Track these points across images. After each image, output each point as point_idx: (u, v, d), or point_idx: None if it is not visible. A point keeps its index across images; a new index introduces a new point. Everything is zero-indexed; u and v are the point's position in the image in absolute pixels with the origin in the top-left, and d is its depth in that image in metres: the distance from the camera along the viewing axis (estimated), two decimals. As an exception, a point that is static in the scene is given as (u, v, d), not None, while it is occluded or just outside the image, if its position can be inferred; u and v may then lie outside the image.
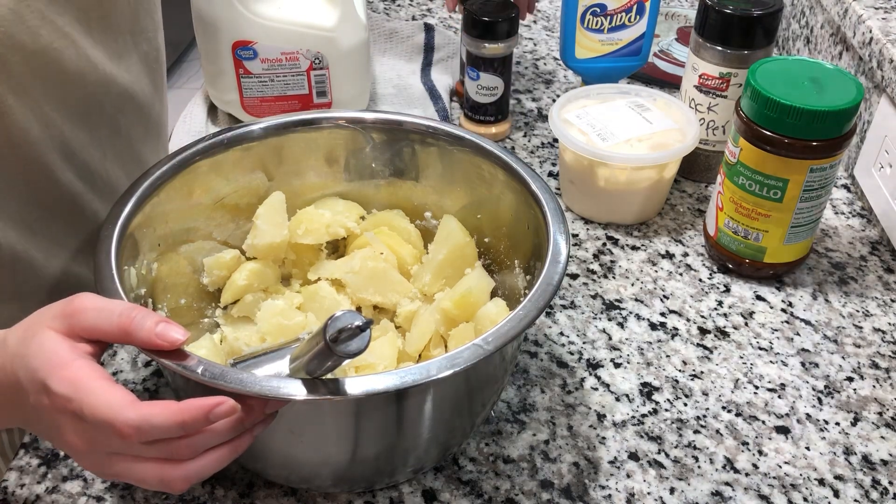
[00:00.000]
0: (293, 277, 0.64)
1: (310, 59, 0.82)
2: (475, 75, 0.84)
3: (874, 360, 0.65)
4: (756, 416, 0.60)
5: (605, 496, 0.55)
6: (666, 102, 0.79)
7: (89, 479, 0.55)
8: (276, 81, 0.84)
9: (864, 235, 0.77)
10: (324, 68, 0.83)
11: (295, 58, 0.82)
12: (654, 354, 0.65)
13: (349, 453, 0.49)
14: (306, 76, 0.83)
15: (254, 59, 0.82)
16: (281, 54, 0.82)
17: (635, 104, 0.78)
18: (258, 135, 0.60)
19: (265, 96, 0.85)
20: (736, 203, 0.68)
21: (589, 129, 0.75)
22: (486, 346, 0.44)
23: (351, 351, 0.40)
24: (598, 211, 0.77)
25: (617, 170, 0.73)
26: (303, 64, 0.82)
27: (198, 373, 0.42)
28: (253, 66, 0.82)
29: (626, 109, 0.78)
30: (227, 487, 0.55)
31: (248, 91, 0.84)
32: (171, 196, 0.56)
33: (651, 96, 0.80)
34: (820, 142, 0.63)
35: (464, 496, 0.54)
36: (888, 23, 0.77)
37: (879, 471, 0.57)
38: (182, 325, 0.57)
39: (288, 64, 0.82)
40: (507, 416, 0.59)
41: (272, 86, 0.84)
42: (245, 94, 0.85)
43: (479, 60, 0.83)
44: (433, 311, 0.59)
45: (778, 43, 1.05)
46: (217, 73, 0.85)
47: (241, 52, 0.81)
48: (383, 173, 0.64)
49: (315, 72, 0.83)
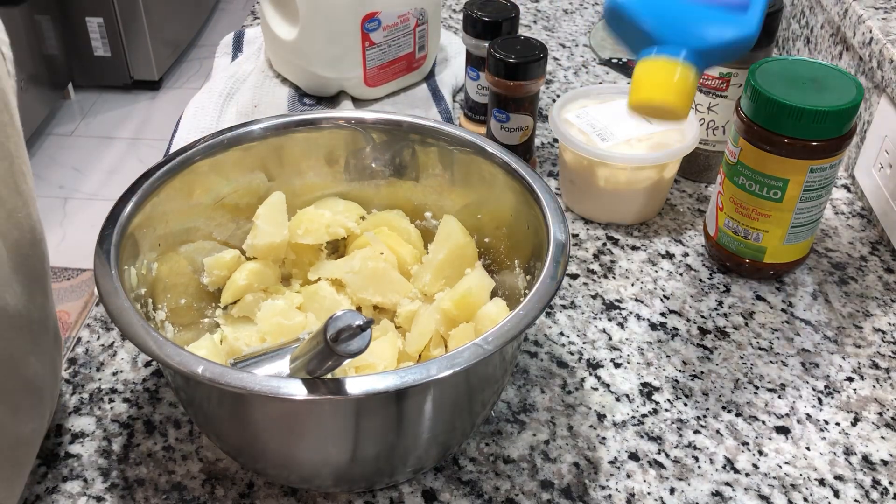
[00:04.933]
0: (293, 277, 0.64)
1: (416, 16, 0.89)
2: (475, 75, 0.84)
3: (874, 360, 0.65)
4: (756, 417, 0.60)
5: (606, 496, 0.55)
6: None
7: (89, 480, 0.55)
8: (392, 46, 0.89)
9: (864, 235, 0.77)
10: (425, 23, 0.90)
11: (406, 18, 0.88)
12: (654, 354, 0.65)
13: (349, 453, 0.49)
14: (413, 34, 0.90)
15: (377, 29, 0.87)
16: (398, 18, 0.88)
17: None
18: (258, 135, 0.60)
19: (383, 63, 0.90)
20: (736, 203, 0.68)
21: (589, 129, 0.75)
22: (486, 346, 0.44)
23: (351, 351, 0.40)
24: (598, 211, 0.77)
25: (617, 170, 0.73)
26: (411, 22, 0.89)
27: (198, 373, 0.42)
28: (376, 35, 0.87)
29: (627, 109, 0.78)
30: (227, 487, 0.55)
31: (370, 62, 0.89)
32: (171, 196, 0.56)
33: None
34: (820, 142, 0.63)
35: (464, 496, 0.54)
36: (888, 23, 0.77)
37: (879, 471, 0.57)
38: (182, 326, 0.58)
39: (402, 26, 0.89)
40: (507, 416, 0.59)
41: (388, 51, 0.90)
42: (368, 66, 0.90)
43: (479, 60, 0.83)
44: (433, 311, 0.59)
45: (778, 43, 1.05)
46: (340, 54, 0.88)
47: (367, 24, 0.86)
48: (383, 173, 0.64)
49: (419, 28, 0.90)
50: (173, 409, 0.60)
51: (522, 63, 0.74)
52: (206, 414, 0.50)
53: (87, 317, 0.67)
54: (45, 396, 0.54)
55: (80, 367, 0.62)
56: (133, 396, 0.61)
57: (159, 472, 0.55)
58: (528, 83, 0.75)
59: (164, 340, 0.44)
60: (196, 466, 0.56)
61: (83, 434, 0.58)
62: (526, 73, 0.74)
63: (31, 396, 0.52)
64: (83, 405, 0.60)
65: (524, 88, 0.75)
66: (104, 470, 0.56)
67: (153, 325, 0.49)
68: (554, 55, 1.04)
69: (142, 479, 0.55)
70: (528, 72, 0.74)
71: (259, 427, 0.49)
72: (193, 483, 0.55)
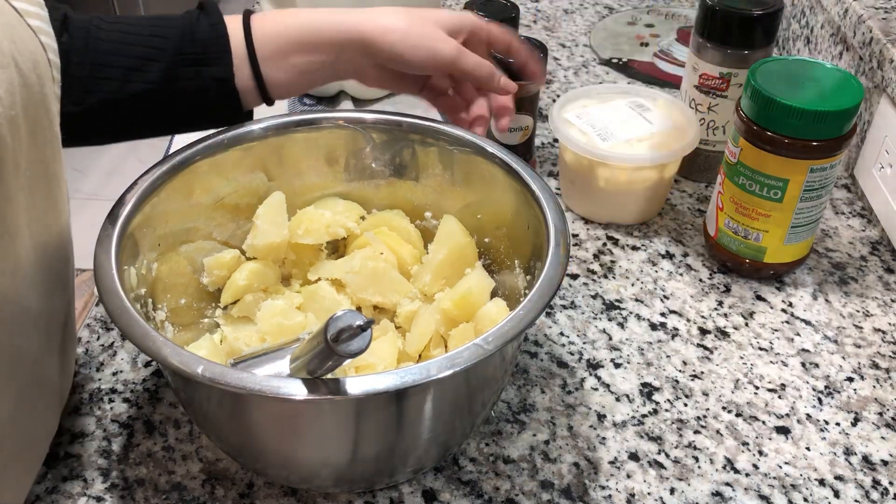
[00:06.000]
0: (293, 277, 0.64)
1: None
2: (475, 75, 0.84)
3: (874, 360, 0.65)
4: (756, 417, 0.60)
5: (606, 496, 0.55)
6: (666, 102, 0.79)
7: (89, 480, 0.55)
8: None
9: (865, 235, 0.77)
10: None
11: None
12: (654, 355, 0.65)
13: (349, 453, 0.49)
14: None
15: None
16: None
17: (635, 104, 0.78)
18: (258, 135, 0.60)
19: None
20: (736, 203, 0.68)
21: (589, 129, 0.75)
22: (486, 346, 0.44)
23: (352, 351, 0.40)
24: (598, 211, 0.77)
25: (617, 170, 0.73)
26: None
27: (198, 373, 0.42)
28: None
29: (627, 109, 0.78)
30: (227, 487, 0.55)
31: None
32: (171, 196, 0.56)
33: (651, 96, 0.80)
34: (820, 142, 0.63)
35: (464, 496, 0.54)
36: (888, 23, 0.77)
37: (880, 471, 0.57)
38: (182, 326, 0.58)
39: None
40: (507, 416, 0.59)
41: None
42: None
43: (479, 60, 0.83)
44: (433, 311, 0.59)
45: (778, 43, 1.05)
46: None
47: None
48: (383, 173, 0.64)
49: None
50: (173, 409, 0.60)
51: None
52: (206, 414, 0.50)
53: (87, 317, 0.67)
54: (58, 397, 0.54)
55: (80, 367, 0.62)
56: (133, 396, 0.61)
57: (159, 472, 0.55)
58: (528, 83, 0.75)
59: (164, 340, 0.44)
60: (196, 466, 0.56)
61: (83, 434, 0.58)
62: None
63: (46, 396, 0.52)
64: (83, 405, 0.60)
65: (524, 88, 0.75)
66: (104, 470, 0.56)
67: (153, 325, 0.49)
68: (554, 55, 1.04)
69: (142, 479, 0.55)
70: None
71: (259, 427, 0.49)
72: (193, 483, 0.55)
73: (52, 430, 0.54)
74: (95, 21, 0.57)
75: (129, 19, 0.59)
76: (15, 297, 0.46)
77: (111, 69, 0.57)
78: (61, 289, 0.52)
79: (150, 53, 0.57)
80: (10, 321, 0.45)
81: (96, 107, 0.56)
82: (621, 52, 1.05)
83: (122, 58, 0.57)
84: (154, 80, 0.57)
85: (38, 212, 0.47)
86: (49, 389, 0.52)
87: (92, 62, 0.56)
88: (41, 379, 0.51)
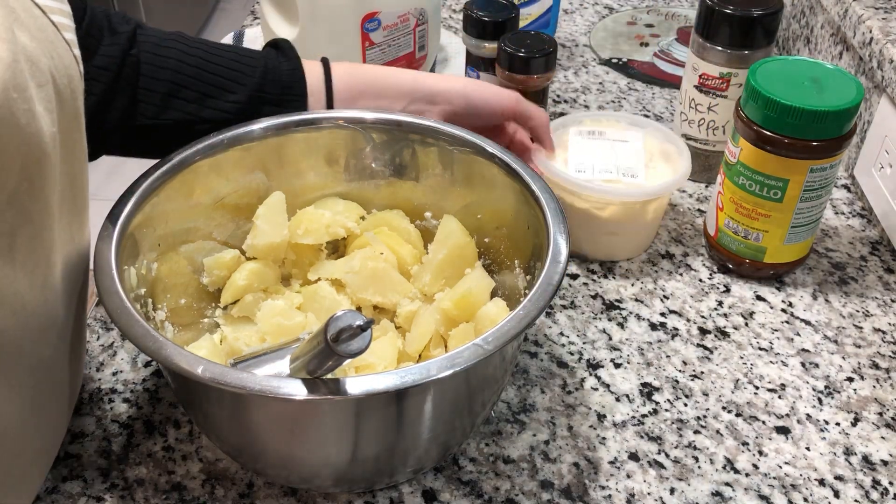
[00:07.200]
0: (293, 277, 0.64)
1: (416, 16, 0.89)
2: (475, 75, 0.84)
3: (874, 360, 0.65)
4: (756, 417, 0.60)
5: (606, 496, 0.55)
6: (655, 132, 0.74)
7: (89, 480, 0.55)
8: (392, 46, 0.89)
9: (865, 235, 0.77)
10: (425, 23, 0.90)
11: (406, 18, 0.88)
12: (654, 355, 0.65)
13: (349, 453, 0.49)
14: (413, 34, 0.90)
15: (377, 29, 0.87)
16: (397, 18, 0.88)
17: (618, 139, 0.73)
18: (258, 135, 0.60)
19: (383, 63, 0.90)
20: (736, 203, 0.68)
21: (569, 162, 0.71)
22: (486, 346, 0.44)
23: (352, 351, 0.40)
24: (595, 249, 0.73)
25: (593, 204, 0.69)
26: (411, 23, 0.89)
27: (198, 373, 0.42)
28: (376, 35, 0.88)
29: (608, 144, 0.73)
30: (227, 487, 0.55)
31: (370, 62, 0.89)
32: (171, 196, 0.56)
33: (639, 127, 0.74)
34: (820, 142, 0.63)
35: (464, 496, 0.54)
36: (888, 23, 0.77)
37: (880, 471, 0.57)
38: (182, 326, 0.58)
39: (402, 26, 0.89)
40: (507, 416, 0.59)
41: (388, 51, 0.90)
42: None
43: (479, 60, 0.83)
44: (433, 311, 0.59)
45: (778, 43, 1.05)
46: (340, 54, 0.86)
47: (367, 24, 0.86)
48: (383, 173, 0.64)
49: (419, 28, 0.90)
50: (173, 409, 0.60)
51: (533, 57, 0.75)
52: (206, 414, 0.50)
53: (87, 317, 0.67)
54: (69, 400, 0.54)
55: (80, 367, 0.63)
56: (133, 396, 0.61)
57: (159, 472, 0.55)
58: (539, 77, 0.76)
59: (165, 340, 0.44)
60: (196, 466, 0.56)
61: (83, 434, 0.58)
62: (539, 66, 0.76)
63: (58, 401, 0.52)
64: (83, 405, 0.60)
65: (533, 82, 0.76)
66: (104, 470, 0.56)
67: (153, 325, 0.49)
68: (554, 55, 1.04)
69: (142, 479, 0.55)
70: (540, 65, 0.76)
71: (259, 427, 0.49)
72: (193, 483, 0.55)
73: (62, 433, 0.55)
74: (171, 39, 0.61)
75: (208, 44, 0.63)
76: (45, 310, 0.46)
77: (189, 91, 0.60)
78: (81, 297, 0.53)
79: (229, 85, 0.62)
80: (36, 331, 0.46)
81: (170, 125, 0.60)
82: (621, 51, 1.05)
83: (202, 83, 0.60)
84: (229, 111, 0.61)
85: (66, 224, 0.48)
86: (61, 393, 0.52)
87: (171, 80, 0.60)
88: (55, 384, 0.51)
